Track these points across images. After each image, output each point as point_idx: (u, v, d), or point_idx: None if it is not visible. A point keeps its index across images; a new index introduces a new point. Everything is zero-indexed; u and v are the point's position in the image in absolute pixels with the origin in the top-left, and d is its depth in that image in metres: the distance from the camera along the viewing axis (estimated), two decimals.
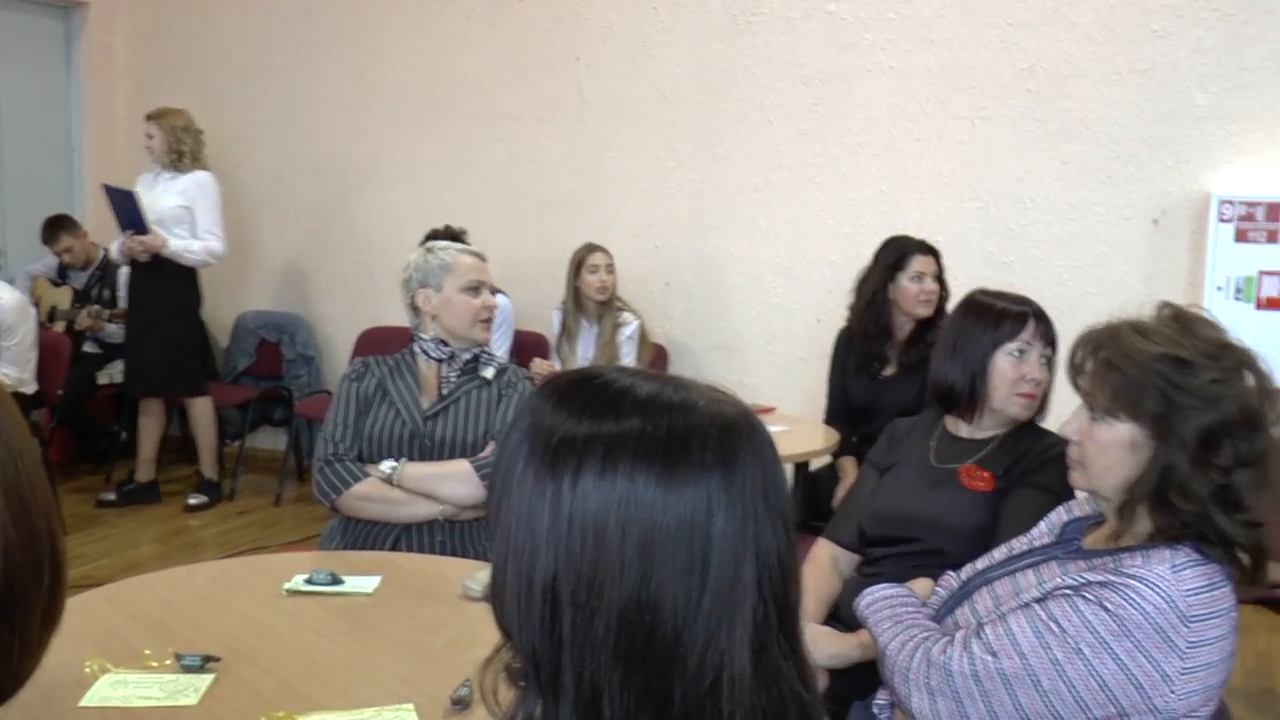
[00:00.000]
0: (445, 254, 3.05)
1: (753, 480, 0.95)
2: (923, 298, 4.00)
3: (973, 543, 2.27)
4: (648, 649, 0.92)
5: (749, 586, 0.94)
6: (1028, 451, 2.47)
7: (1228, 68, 4.91)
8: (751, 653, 0.93)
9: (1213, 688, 1.68)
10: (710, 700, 0.92)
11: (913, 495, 2.58)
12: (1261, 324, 4.70)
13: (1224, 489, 1.66)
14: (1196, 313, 1.79)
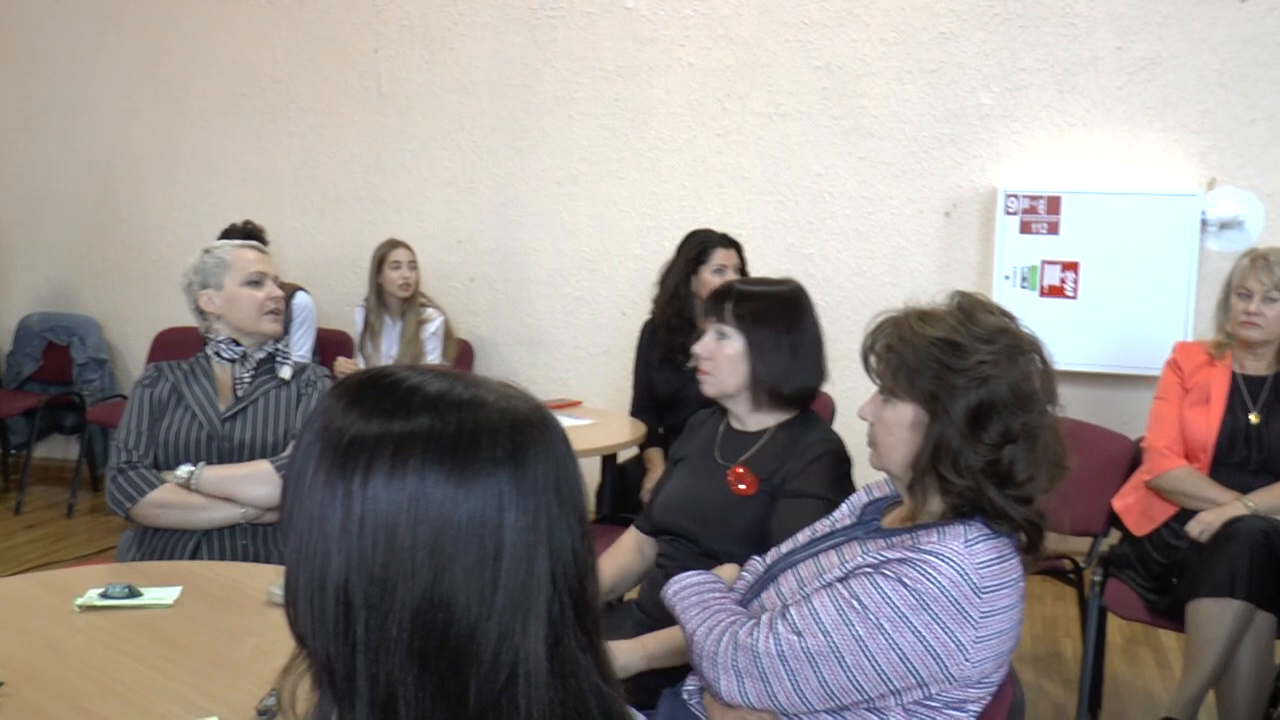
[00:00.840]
0: (221, 252, 2.99)
1: (545, 475, 0.96)
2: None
3: (745, 542, 2.32)
4: (442, 647, 0.91)
5: (543, 581, 0.94)
6: (794, 449, 2.52)
7: (1009, 69, 5.16)
8: (547, 647, 0.94)
9: (1003, 654, 1.76)
10: (506, 696, 0.92)
11: (688, 491, 2.63)
12: (1044, 310, 4.95)
13: (994, 464, 1.75)
14: (982, 300, 1.88)
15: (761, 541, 2.31)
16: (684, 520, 2.58)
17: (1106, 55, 5.06)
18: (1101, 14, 5.04)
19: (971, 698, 1.75)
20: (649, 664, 2.22)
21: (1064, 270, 5.02)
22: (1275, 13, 4.89)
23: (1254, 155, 4.97)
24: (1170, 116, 5.02)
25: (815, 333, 2.63)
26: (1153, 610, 3.39)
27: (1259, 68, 4.93)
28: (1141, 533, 3.50)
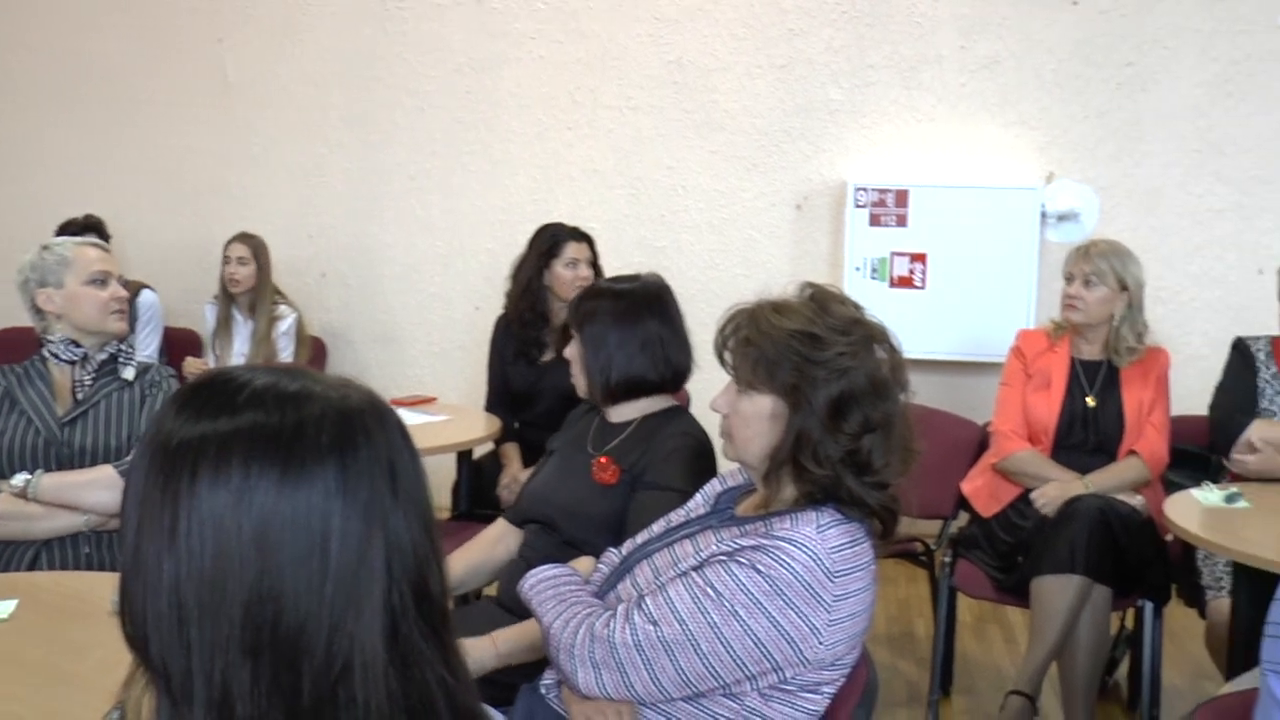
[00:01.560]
0: (62, 249, 2.88)
1: (377, 465, 0.96)
2: (577, 283, 4.05)
3: (605, 531, 2.35)
4: (273, 641, 0.91)
5: (378, 571, 0.94)
6: (654, 441, 2.56)
7: (857, 65, 5.27)
8: (385, 638, 0.94)
9: (856, 636, 1.80)
10: (343, 687, 0.92)
11: (554, 480, 2.67)
12: (894, 300, 5.07)
13: (853, 453, 1.79)
14: (833, 292, 1.92)
15: (621, 532, 2.33)
16: (548, 509, 2.61)
17: (950, 54, 5.22)
18: (944, 14, 5.19)
19: (826, 679, 1.79)
20: (500, 661, 2.20)
21: (912, 261, 5.15)
22: (1104, 16, 5.10)
23: (1089, 150, 5.17)
24: (1011, 113, 5.20)
25: (656, 328, 2.66)
26: (1000, 588, 3.51)
27: (1091, 68, 5.14)
28: (989, 514, 3.62)
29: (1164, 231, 5.16)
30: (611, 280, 2.82)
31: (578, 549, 2.35)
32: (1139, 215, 5.16)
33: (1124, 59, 5.12)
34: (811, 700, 1.79)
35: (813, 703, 1.79)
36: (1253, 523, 3.02)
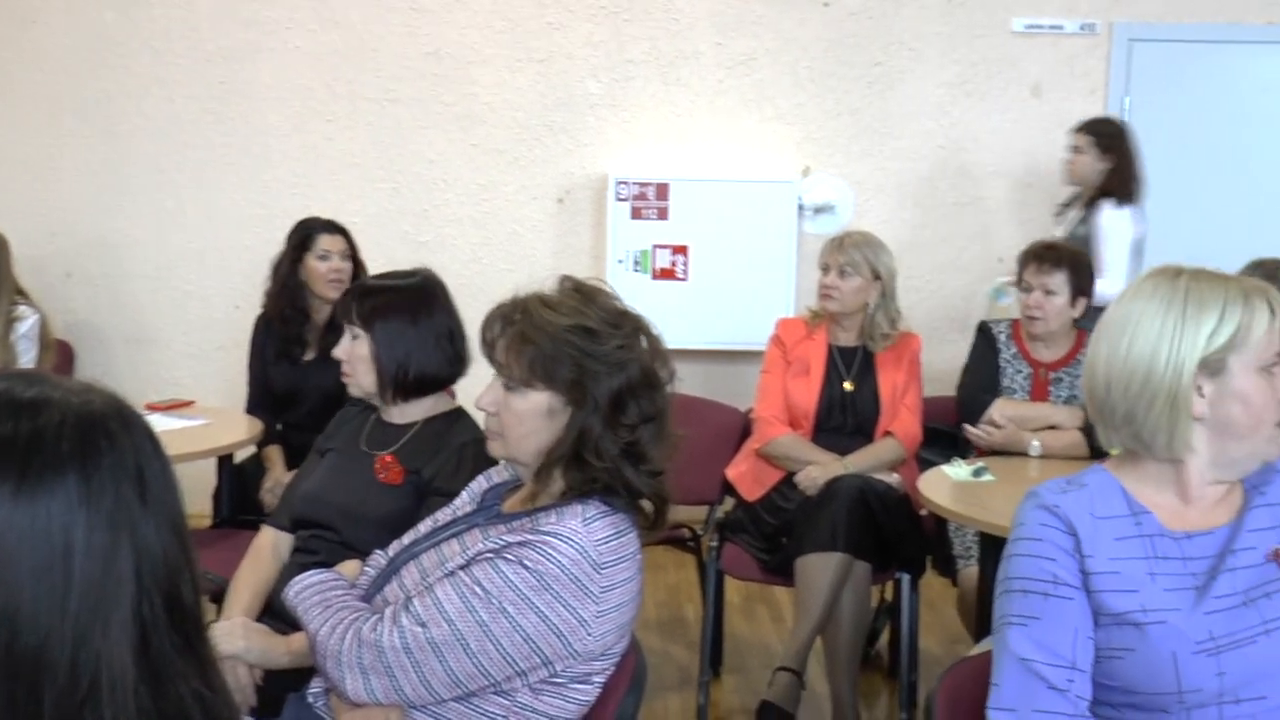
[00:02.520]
0: None
1: (122, 472, 0.92)
2: (330, 277, 3.93)
3: (386, 533, 2.29)
4: (9, 662, 0.86)
5: (126, 580, 0.90)
6: (443, 445, 2.52)
7: (616, 60, 5.33)
8: (135, 651, 0.90)
9: (624, 625, 1.81)
10: (90, 708, 0.87)
11: (331, 480, 2.58)
12: (657, 292, 5.15)
13: (631, 445, 1.80)
14: (595, 284, 1.92)
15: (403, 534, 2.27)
16: (326, 511, 2.52)
17: (707, 50, 5.33)
18: (701, 11, 5.30)
19: (596, 670, 1.80)
20: (293, 661, 2.12)
21: (674, 254, 5.25)
22: (854, 18, 5.31)
23: (843, 146, 5.38)
24: (767, 109, 5.35)
25: (446, 322, 2.62)
26: (766, 569, 3.61)
27: (843, 66, 5.34)
28: (753, 498, 3.72)
29: (914, 223, 5.42)
30: (386, 275, 2.73)
31: (357, 552, 2.27)
32: (891, 208, 5.41)
33: (873, 59, 5.35)
34: (582, 691, 1.80)
35: (583, 693, 1.80)
36: (997, 494, 3.19)
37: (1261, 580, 1.67)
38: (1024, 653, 1.65)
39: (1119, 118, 4.97)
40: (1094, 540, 1.68)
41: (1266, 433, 1.69)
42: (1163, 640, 1.63)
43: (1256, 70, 5.40)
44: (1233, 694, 1.61)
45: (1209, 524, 1.72)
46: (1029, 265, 3.75)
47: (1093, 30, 5.35)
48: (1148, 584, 1.66)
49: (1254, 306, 1.66)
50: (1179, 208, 5.40)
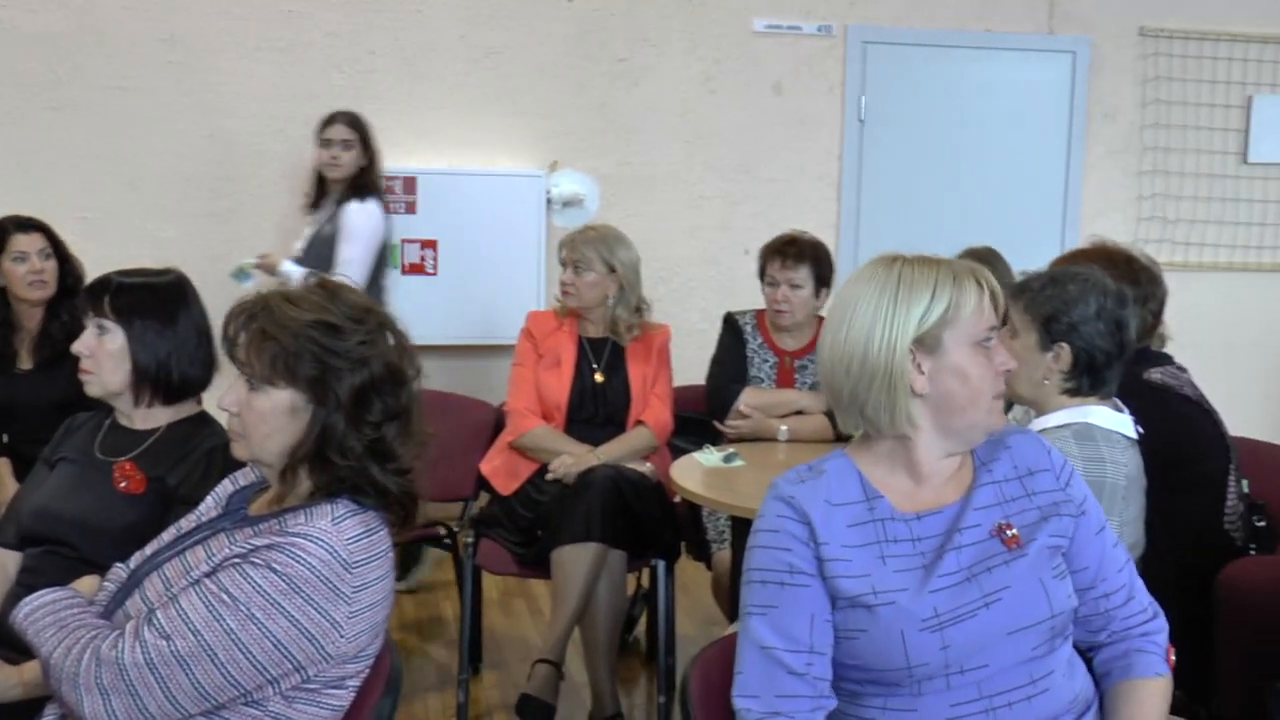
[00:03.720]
0: None
1: None
2: (30, 279, 3.66)
3: (128, 545, 2.16)
4: None
5: None
6: (188, 451, 2.41)
7: (359, 51, 5.22)
8: None
9: (378, 625, 1.78)
10: None
11: (64, 492, 2.42)
12: (407, 287, 5.08)
13: (376, 442, 1.78)
14: (340, 280, 1.89)
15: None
16: (59, 525, 2.35)
17: (452, 43, 5.29)
18: (445, 3, 5.26)
19: (350, 673, 1.76)
20: (26, 691, 1.98)
21: (423, 248, 5.19)
22: (597, 14, 5.38)
23: (590, 140, 5.44)
24: (514, 102, 5.36)
25: (200, 323, 2.50)
26: (522, 563, 3.62)
27: (587, 61, 5.40)
28: (508, 492, 3.72)
29: (662, 216, 5.53)
30: (134, 272, 2.54)
31: (96, 567, 2.12)
32: (638, 201, 5.50)
33: (617, 54, 5.43)
34: (336, 696, 1.76)
35: (338, 698, 1.76)
36: (747, 479, 3.30)
37: (984, 555, 1.76)
38: (764, 641, 1.73)
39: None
40: (828, 528, 1.75)
41: (985, 405, 1.79)
42: (892, 620, 1.71)
43: (976, 73, 5.76)
44: (958, 665, 1.71)
45: (939, 503, 1.81)
46: (773, 260, 3.88)
47: (829, 32, 5.59)
48: (879, 567, 1.74)
49: (964, 285, 1.76)
50: (909, 199, 5.72)
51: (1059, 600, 1.77)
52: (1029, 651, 1.74)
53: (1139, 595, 1.91)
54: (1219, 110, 5.98)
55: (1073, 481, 1.88)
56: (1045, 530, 1.80)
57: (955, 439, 1.82)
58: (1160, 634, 1.89)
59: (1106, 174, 5.95)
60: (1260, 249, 6.11)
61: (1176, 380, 2.92)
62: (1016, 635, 1.73)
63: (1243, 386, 5.95)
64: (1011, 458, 1.87)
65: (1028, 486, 1.85)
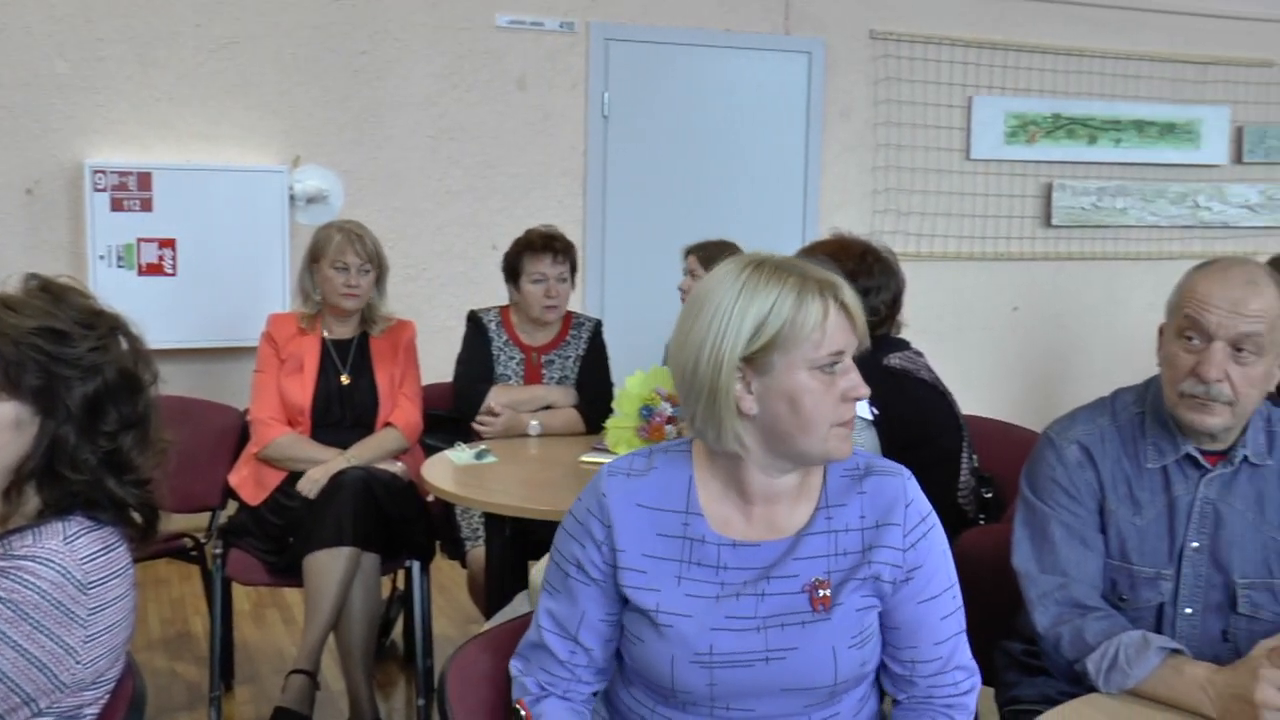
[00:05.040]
0: None
1: None
2: None
3: None
4: None
5: None
6: None
7: (85, 37, 4.94)
8: None
9: (118, 648, 1.69)
10: None
11: None
12: (145, 289, 4.86)
13: (112, 453, 1.69)
14: (66, 283, 1.77)
15: None
16: None
17: (187, 31, 5.07)
18: None
19: (88, 700, 1.67)
20: None
21: (161, 247, 4.96)
22: (338, 5, 5.26)
23: (333, 135, 5.32)
24: (253, 95, 5.18)
25: None
26: (274, 571, 3.51)
27: (329, 54, 5.27)
28: (256, 501, 3.61)
29: (409, 212, 5.46)
30: None
31: None
32: (385, 197, 5.42)
33: (359, 47, 5.32)
34: None
35: None
36: (499, 475, 3.31)
37: (785, 610, 1.71)
38: (542, 619, 1.81)
39: None
40: (629, 534, 1.74)
41: (820, 433, 1.68)
42: (668, 642, 1.72)
43: (716, 71, 5.92)
44: (724, 703, 1.73)
45: (762, 536, 1.75)
46: (541, 257, 3.89)
47: (571, 29, 5.63)
48: (672, 586, 1.73)
49: (806, 303, 1.64)
50: (655, 195, 5.84)
51: (847, 669, 1.72)
52: (800, 707, 1.74)
53: (957, 670, 1.81)
54: (943, 109, 6.35)
55: (919, 545, 1.77)
56: (861, 592, 1.74)
57: (787, 462, 1.73)
58: (964, 711, 1.81)
59: (843, 169, 6.23)
60: (984, 239, 6.52)
61: (914, 364, 3.09)
62: (791, 693, 1.72)
63: (972, 367, 6.35)
64: (864, 505, 1.77)
65: (867, 540, 1.75)
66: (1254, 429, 2.07)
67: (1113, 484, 2.10)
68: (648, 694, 1.80)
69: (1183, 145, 6.84)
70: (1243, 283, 1.98)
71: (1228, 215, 6.98)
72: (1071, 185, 6.62)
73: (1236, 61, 6.91)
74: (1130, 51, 6.68)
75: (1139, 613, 2.08)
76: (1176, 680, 1.83)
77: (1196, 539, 2.06)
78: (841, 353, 1.68)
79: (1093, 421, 2.16)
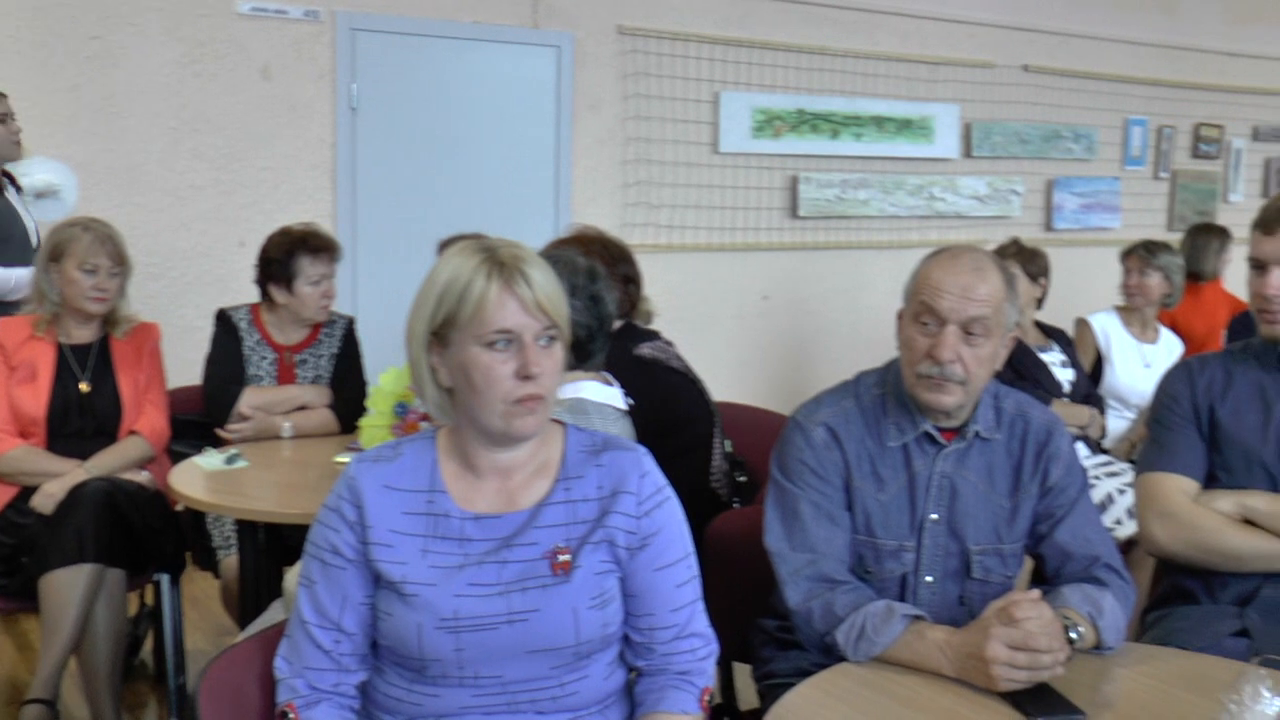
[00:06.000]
0: None
1: None
2: None
3: None
4: None
5: None
6: None
7: None
8: None
9: None
10: None
11: None
12: None
13: None
14: None
15: None
16: None
17: None
18: None
19: None
20: None
21: None
22: None
23: (63, 125, 5.01)
24: None
25: None
26: (5, 595, 3.29)
27: (55, 39, 4.97)
28: None
29: (150, 208, 5.21)
30: None
31: None
32: (124, 191, 5.15)
33: (90, 33, 5.04)
34: None
35: None
36: (253, 480, 3.22)
37: (527, 575, 1.78)
38: (304, 615, 1.81)
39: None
40: (379, 512, 1.79)
41: (495, 409, 1.75)
42: (415, 612, 1.75)
43: (466, 64, 5.87)
44: (473, 669, 1.77)
45: (503, 508, 1.82)
46: (317, 258, 3.80)
47: (316, 17, 5.48)
48: (418, 559, 1.78)
49: (475, 282, 1.73)
50: (408, 188, 5.76)
51: (589, 629, 1.79)
52: (547, 670, 1.79)
53: (693, 637, 1.90)
54: (692, 104, 6.48)
55: (654, 513, 1.85)
56: (598, 555, 1.81)
57: (485, 436, 1.81)
58: (701, 676, 1.90)
59: (594, 162, 6.28)
60: (733, 230, 6.69)
61: (665, 354, 3.15)
62: (537, 654, 1.77)
63: (724, 355, 6.52)
64: (601, 476, 1.85)
65: (604, 507, 1.83)
66: (984, 406, 2.21)
67: (857, 463, 2.19)
68: (400, 674, 1.81)
69: (918, 140, 7.20)
70: (971, 270, 2.11)
71: (960, 206, 7.39)
72: (816, 178, 6.86)
73: (963, 62, 7.33)
74: (869, 51, 6.98)
75: (884, 583, 2.19)
76: (918, 644, 1.93)
77: (935, 511, 2.18)
78: (509, 331, 1.74)
79: (837, 404, 2.25)
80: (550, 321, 1.77)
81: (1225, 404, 2.45)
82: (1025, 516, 2.21)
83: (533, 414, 1.76)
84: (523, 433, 1.78)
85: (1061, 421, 2.29)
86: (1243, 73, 8.61)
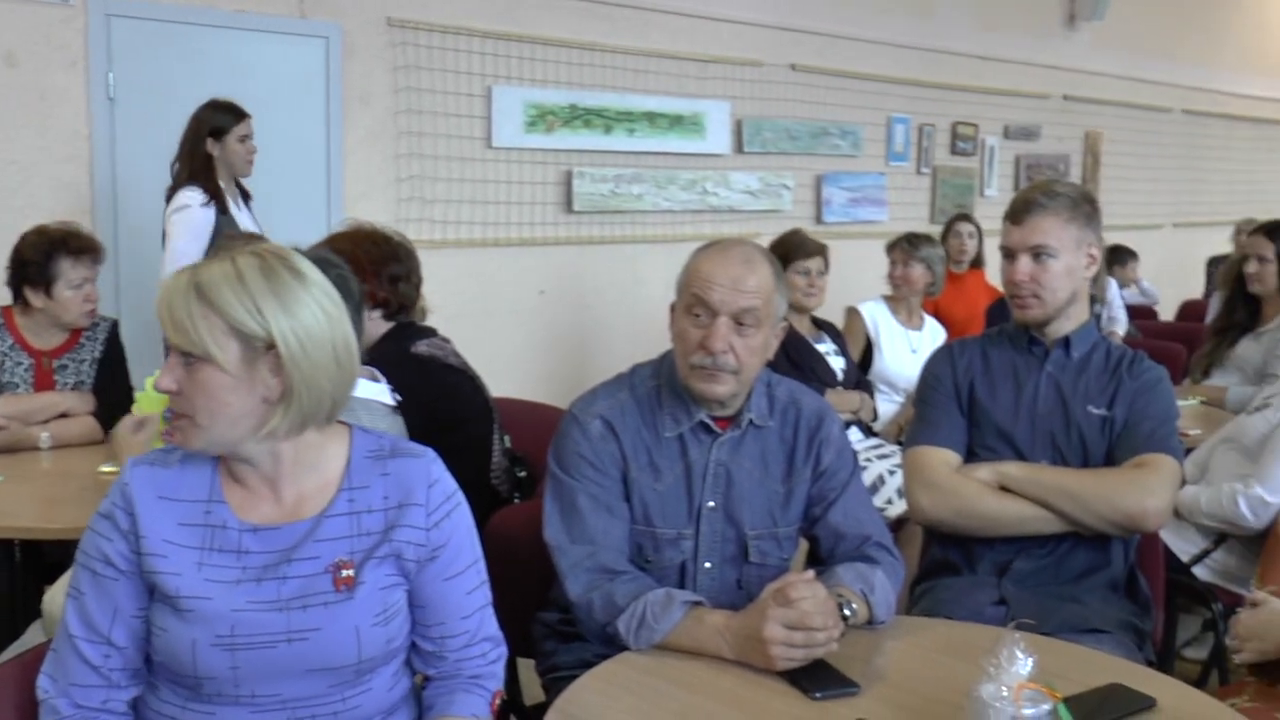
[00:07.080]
0: None
1: None
2: None
3: None
4: None
5: None
6: None
7: None
8: None
9: None
10: None
11: None
12: None
13: None
14: None
15: None
16: None
17: None
18: None
19: None
20: None
21: None
22: None
23: None
24: None
25: None
26: None
27: None
28: None
29: None
30: None
31: None
32: None
33: None
34: None
35: None
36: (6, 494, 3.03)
37: (308, 591, 1.72)
38: (71, 628, 1.71)
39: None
40: (151, 522, 1.71)
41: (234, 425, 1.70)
42: (189, 627, 1.68)
43: (231, 53, 5.66)
44: (249, 687, 1.70)
45: (283, 519, 1.75)
46: (82, 261, 3.60)
47: (67, 2, 5.18)
48: (193, 572, 1.70)
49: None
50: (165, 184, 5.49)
51: (371, 647, 1.74)
52: (326, 688, 1.74)
53: (484, 642, 1.88)
54: (464, 99, 6.42)
55: (443, 524, 1.81)
56: (384, 570, 1.76)
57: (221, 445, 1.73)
58: (493, 679, 1.89)
59: (366, 157, 6.15)
60: (508, 225, 6.66)
61: (442, 351, 3.11)
62: (316, 673, 1.72)
63: (502, 350, 6.49)
64: (387, 486, 1.79)
65: (390, 520, 1.78)
66: (757, 394, 2.26)
67: (634, 454, 2.22)
68: (175, 691, 1.74)
69: (690, 136, 7.32)
70: (740, 262, 2.16)
71: (732, 200, 7.55)
72: (590, 173, 6.90)
73: (733, 60, 7.49)
74: (640, 49, 7.06)
75: (664, 571, 2.22)
76: (698, 629, 1.97)
77: (712, 498, 2.22)
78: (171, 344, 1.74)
79: (613, 396, 2.27)
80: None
81: (983, 383, 2.60)
82: (799, 500, 2.28)
83: (172, 434, 1.76)
84: (208, 448, 1.73)
85: (832, 408, 2.37)
86: (994, 75, 9.11)
